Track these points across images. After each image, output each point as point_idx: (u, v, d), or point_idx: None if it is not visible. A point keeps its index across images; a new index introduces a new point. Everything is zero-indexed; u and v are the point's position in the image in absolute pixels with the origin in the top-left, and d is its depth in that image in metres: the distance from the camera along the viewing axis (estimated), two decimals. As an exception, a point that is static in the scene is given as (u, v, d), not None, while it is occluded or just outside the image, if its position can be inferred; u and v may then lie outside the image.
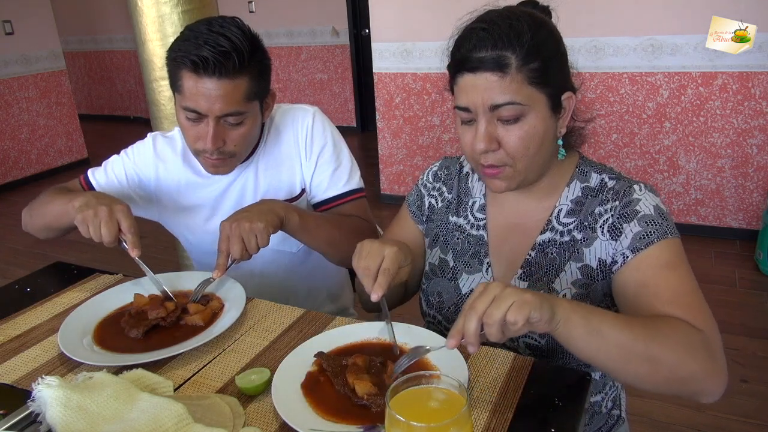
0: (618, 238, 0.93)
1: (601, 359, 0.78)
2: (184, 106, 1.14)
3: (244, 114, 1.17)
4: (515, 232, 1.04)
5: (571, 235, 0.98)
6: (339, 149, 1.37)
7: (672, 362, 0.77)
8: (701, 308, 0.85)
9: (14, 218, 4.40)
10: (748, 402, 2.10)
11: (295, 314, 1.10)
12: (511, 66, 0.86)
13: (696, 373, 0.78)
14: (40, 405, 0.77)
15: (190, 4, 2.29)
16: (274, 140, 1.35)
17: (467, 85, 0.90)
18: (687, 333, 0.80)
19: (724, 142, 3.20)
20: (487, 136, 0.90)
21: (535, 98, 0.89)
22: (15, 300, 1.21)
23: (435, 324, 1.11)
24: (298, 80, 6.58)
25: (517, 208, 1.05)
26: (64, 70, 5.54)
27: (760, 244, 3.01)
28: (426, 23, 3.68)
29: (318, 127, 1.34)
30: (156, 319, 1.05)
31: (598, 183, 0.99)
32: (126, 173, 1.37)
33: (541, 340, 0.97)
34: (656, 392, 0.83)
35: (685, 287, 0.87)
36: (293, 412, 0.80)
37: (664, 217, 0.92)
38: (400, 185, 4.22)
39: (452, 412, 0.61)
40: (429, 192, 1.16)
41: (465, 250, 1.08)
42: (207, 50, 1.08)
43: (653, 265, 0.89)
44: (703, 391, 0.80)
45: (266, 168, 1.34)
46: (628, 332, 0.78)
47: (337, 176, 1.36)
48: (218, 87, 1.11)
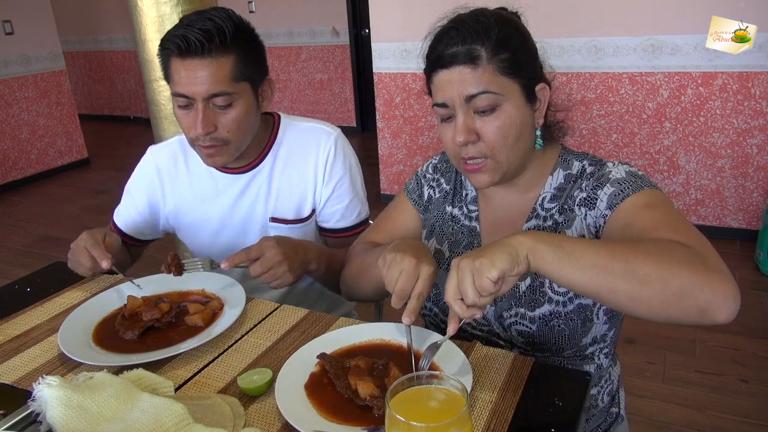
0: (595, 205, 0.94)
1: (583, 283, 0.75)
2: (174, 92, 1.17)
3: (232, 95, 1.16)
4: (504, 224, 1.06)
5: (553, 219, 1.01)
6: (355, 180, 1.37)
7: (659, 275, 0.72)
8: (689, 230, 0.81)
9: (14, 218, 4.41)
10: (748, 402, 2.10)
11: (298, 315, 1.10)
12: (481, 58, 0.91)
13: (690, 282, 0.72)
14: (40, 405, 0.77)
15: (190, 4, 2.30)
16: (290, 157, 1.34)
17: (442, 81, 0.94)
18: (672, 246, 0.76)
19: (724, 142, 3.20)
20: (465, 128, 0.93)
21: (509, 87, 0.92)
22: (15, 300, 1.21)
23: (431, 316, 1.11)
24: (298, 80, 6.58)
25: (504, 201, 1.07)
26: (64, 70, 5.54)
27: (760, 244, 3.02)
28: (426, 23, 3.65)
29: (339, 156, 1.33)
30: (151, 320, 1.05)
31: (580, 169, 1.01)
32: (138, 211, 1.41)
33: (531, 325, 0.98)
34: (660, 318, 0.75)
35: (670, 216, 0.84)
36: (297, 413, 0.80)
37: (637, 176, 0.93)
38: (400, 185, 4.22)
39: (452, 412, 0.61)
40: (428, 183, 1.18)
41: (459, 241, 1.10)
42: (190, 31, 1.11)
43: (632, 209, 0.88)
44: (708, 304, 0.72)
45: (279, 186, 1.33)
46: (604, 251, 0.75)
47: (351, 208, 1.37)
48: (202, 66, 1.12)
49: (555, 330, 0.98)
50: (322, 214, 1.36)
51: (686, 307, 0.72)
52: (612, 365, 1.10)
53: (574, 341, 0.99)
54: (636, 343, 2.46)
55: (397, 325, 0.99)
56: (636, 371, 2.29)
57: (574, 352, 1.02)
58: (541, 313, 0.97)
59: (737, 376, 2.24)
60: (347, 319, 1.08)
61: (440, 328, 1.11)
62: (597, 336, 1.01)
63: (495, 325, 1.02)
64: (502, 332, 1.02)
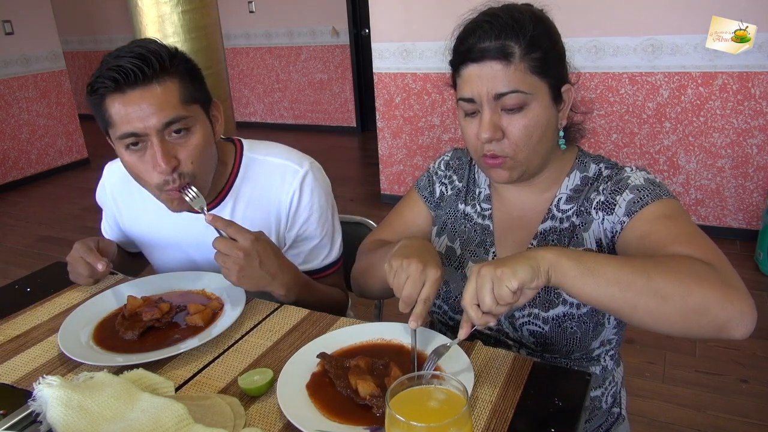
0: (613, 210, 0.94)
1: (604, 300, 0.76)
2: (120, 134, 1.03)
3: (187, 119, 1.05)
4: (518, 223, 1.06)
5: (570, 221, 1.00)
6: (324, 218, 1.27)
7: (679, 291, 0.73)
8: (707, 245, 0.81)
9: (14, 218, 4.41)
10: (748, 402, 2.10)
11: (298, 315, 1.10)
12: (514, 55, 0.89)
13: (709, 299, 0.72)
14: (40, 404, 0.77)
15: (190, 4, 2.30)
16: (252, 196, 1.24)
17: (472, 75, 0.92)
18: (691, 263, 0.76)
19: (724, 142, 3.20)
20: (491, 124, 0.92)
21: (538, 87, 0.91)
22: (15, 300, 1.21)
23: (440, 314, 1.11)
24: (298, 80, 6.58)
25: (519, 200, 1.06)
26: (64, 70, 5.54)
27: (760, 244, 3.02)
28: (426, 23, 3.68)
29: (305, 197, 1.23)
30: (150, 320, 1.05)
31: (596, 172, 1.01)
32: (110, 225, 1.40)
33: (544, 326, 0.98)
34: (677, 333, 0.76)
35: (688, 229, 0.84)
36: (299, 412, 0.80)
37: (656, 184, 0.93)
38: (400, 185, 4.22)
39: (452, 412, 0.61)
40: (440, 180, 1.17)
41: (471, 239, 1.09)
42: (124, 60, 1.00)
43: (651, 218, 0.88)
44: (726, 321, 0.73)
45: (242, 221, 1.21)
46: (627, 268, 0.75)
47: (316, 251, 1.28)
48: (147, 96, 1.01)
49: (567, 332, 0.97)
50: (287, 254, 1.26)
51: (704, 324, 0.74)
52: (616, 367, 1.10)
53: (584, 344, 0.99)
54: (636, 343, 2.46)
55: (401, 325, 0.99)
56: (636, 371, 2.29)
57: (582, 354, 1.01)
58: (555, 314, 0.97)
59: (737, 376, 2.24)
60: (348, 319, 1.08)
61: (449, 326, 1.10)
62: (605, 339, 1.01)
63: (505, 324, 1.02)
64: (512, 332, 1.02)
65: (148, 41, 1.07)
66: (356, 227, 1.53)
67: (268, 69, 6.72)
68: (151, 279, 1.24)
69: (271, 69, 6.71)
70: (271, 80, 6.76)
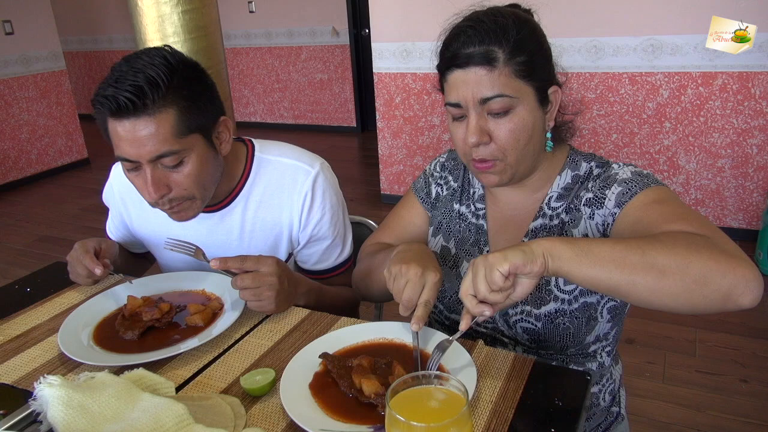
0: (603, 204, 0.94)
1: (602, 280, 0.75)
2: (116, 155, 1.06)
3: (179, 152, 1.04)
4: (511, 222, 1.07)
5: (560, 218, 1.01)
6: (336, 218, 1.28)
7: (677, 263, 0.72)
8: (701, 220, 0.81)
9: (14, 218, 4.41)
10: (748, 402, 2.10)
11: (299, 315, 1.10)
12: (498, 60, 0.90)
13: (709, 268, 0.71)
14: (41, 404, 0.77)
15: (190, 4, 2.30)
16: (264, 197, 1.24)
17: (457, 80, 0.93)
18: (686, 236, 0.76)
19: (724, 142, 3.20)
20: (478, 129, 0.92)
21: (523, 91, 0.92)
22: (15, 300, 1.21)
23: (436, 313, 1.12)
24: (298, 80, 6.58)
25: (511, 200, 1.07)
26: (64, 70, 5.54)
27: (760, 244, 3.02)
28: (426, 23, 3.68)
29: (318, 198, 1.24)
30: (150, 320, 1.05)
31: (587, 170, 1.02)
32: (116, 226, 1.40)
33: (537, 323, 0.99)
34: (685, 308, 0.74)
35: (680, 209, 0.84)
36: (302, 412, 0.80)
37: (643, 175, 0.93)
38: (400, 185, 4.22)
39: (452, 412, 0.61)
40: (436, 181, 1.18)
41: (466, 239, 1.10)
42: (119, 90, 0.98)
43: (641, 205, 0.89)
44: (730, 288, 0.71)
45: (253, 228, 1.25)
46: (620, 245, 0.75)
47: (329, 251, 1.30)
48: (141, 126, 1.00)
49: (560, 328, 0.98)
50: (300, 254, 1.30)
51: (709, 294, 0.72)
52: (614, 364, 1.10)
53: (578, 339, 1.00)
54: (636, 343, 2.46)
55: (401, 324, 0.99)
56: (636, 371, 2.29)
57: (578, 350, 1.02)
58: (547, 311, 0.98)
59: (737, 376, 2.24)
60: (349, 318, 1.08)
61: (445, 326, 1.11)
62: (600, 334, 1.01)
63: (500, 322, 1.03)
64: (507, 330, 1.03)
65: (157, 59, 1.02)
66: (356, 227, 1.53)
67: (268, 69, 6.72)
68: (151, 279, 1.24)
69: (271, 69, 6.71)
70: (271, 80, 6.76)
